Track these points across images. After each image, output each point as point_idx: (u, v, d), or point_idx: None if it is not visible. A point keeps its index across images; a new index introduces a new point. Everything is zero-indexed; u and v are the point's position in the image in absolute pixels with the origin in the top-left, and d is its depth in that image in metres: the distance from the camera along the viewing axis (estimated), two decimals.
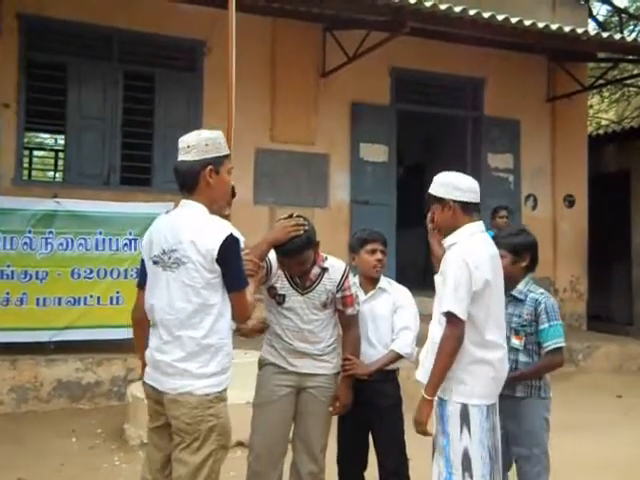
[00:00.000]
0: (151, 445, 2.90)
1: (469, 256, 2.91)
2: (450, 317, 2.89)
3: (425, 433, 2.99)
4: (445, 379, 2.92)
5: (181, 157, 2.77)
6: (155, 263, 2.77)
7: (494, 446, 2.94)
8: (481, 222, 3.08)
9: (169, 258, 2.71)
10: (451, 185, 3.03)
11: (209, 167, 2.73)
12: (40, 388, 6.17)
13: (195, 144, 2.74)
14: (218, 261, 2.65)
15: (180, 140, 2.80)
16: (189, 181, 2.75)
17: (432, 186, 3.10)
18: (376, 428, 3.59)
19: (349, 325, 3.45)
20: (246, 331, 3.37)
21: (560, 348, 3.42)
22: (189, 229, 2.69)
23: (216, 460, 2.71)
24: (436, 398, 2.96)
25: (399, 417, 3.61)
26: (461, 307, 2.86)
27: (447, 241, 3.05)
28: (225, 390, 2.77)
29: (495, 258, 3.03)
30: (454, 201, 3.00)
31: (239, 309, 2.77)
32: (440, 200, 3.04)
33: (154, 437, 2.87)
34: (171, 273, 2.70)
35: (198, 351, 2.68)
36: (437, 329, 2.99)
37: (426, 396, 2.92)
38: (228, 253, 2.65)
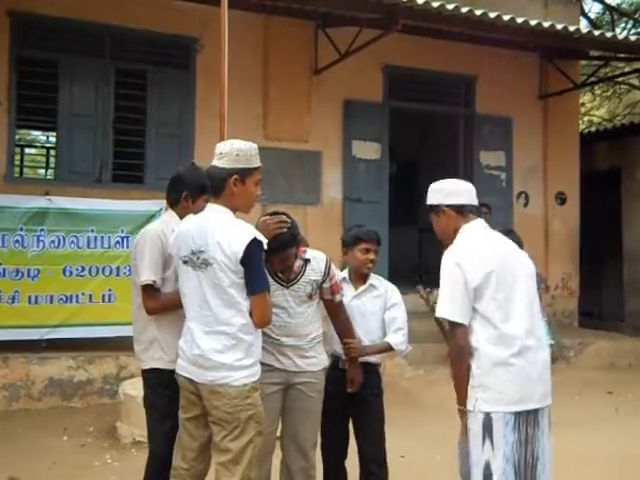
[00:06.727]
0: (186, 435, 3.01)
1: (458, 255, 2.89)
2: (450, 325, 2.87)
3: None
4: (470, 388, 2.85)
5: (213, 162, 2.97)
6: (185, 262, 2.96)
7: (524, 461, 2.81)
8: (480, 220, 3.04)
9: (197, 258, 2.89)
10: (441, 191, 3.05)
11: (235, 176, 2.91)
12: (32, 386, 6.16)
13: (227, 152, 2.94)
14: (242, 262, 2.81)
15: (216, 146, 3.01)
16: (216, 185, 2.96)
17: (427, 197, 3.09)
18: (358, 417, 3.66)
19: (338, 311, 3.52)
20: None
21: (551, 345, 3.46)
22: (216, 232, 2.86)
23: (255, 446, 2.87)
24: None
25: (380, 407, 3.70)
26: (458, 312, 2.83)
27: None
28: (258, 380, 2.93)
29: (499, 247, 3.00)
30: (447, 205, 3.00)
31: (260, 312, 2.88)
32: (434, 208, 3.05)
33: (190, 427, 2.99)
34: (200, 273, 2.88)
35: (235, 344, 2.83)
36: None
37: (457, 406, 2.93)
38: (252, 255, 2.82)
